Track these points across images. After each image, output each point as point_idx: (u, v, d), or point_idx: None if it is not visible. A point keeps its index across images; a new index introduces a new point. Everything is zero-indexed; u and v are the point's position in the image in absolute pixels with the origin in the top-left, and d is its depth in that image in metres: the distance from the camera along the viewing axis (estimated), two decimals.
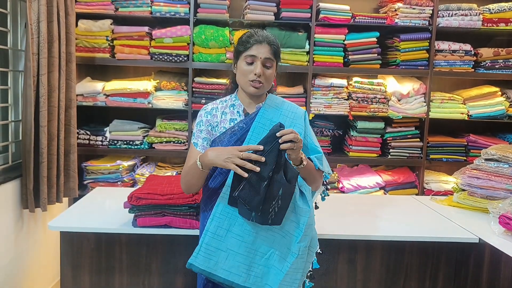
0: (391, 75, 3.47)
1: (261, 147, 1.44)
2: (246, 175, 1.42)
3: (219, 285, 1.60)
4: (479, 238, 2.01)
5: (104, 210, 2.24)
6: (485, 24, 3.31)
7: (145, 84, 3.23)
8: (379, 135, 3.41)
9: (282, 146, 1.43)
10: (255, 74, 1.56)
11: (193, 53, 3.23)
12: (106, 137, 3.29)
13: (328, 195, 1.88)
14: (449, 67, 3.37)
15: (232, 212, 1.55)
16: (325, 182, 1.81)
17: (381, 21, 3.30)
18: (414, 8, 3.26)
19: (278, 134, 1.44)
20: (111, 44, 3.24)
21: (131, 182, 3.28)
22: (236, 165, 1.42)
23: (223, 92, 1.82)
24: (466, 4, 3.30)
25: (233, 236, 1.54)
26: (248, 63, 1.58)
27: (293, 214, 1.58)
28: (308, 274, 1.66)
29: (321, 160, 1.67)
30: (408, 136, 3.42)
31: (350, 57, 3.30)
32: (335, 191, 3.34)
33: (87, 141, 3.27)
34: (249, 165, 1.41)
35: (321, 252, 1.72)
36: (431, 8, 3.27)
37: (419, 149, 3.40)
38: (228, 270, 1.53)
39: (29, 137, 2.53)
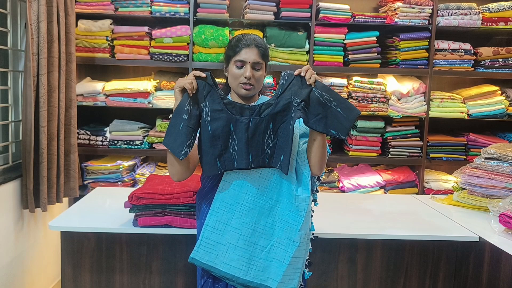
0: (391, 75, 3.47)
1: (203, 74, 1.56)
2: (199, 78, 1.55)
3: (218, 283, 1.62)
4: (479, 237, 2.01)
5: (104, 210, 2.25)
6: (485, 23, 3.31)
7: (145, 84, 3.23)
8: (379, 134, 3.41)
9: (309, 81, 1.55)
10: (245, 77, 1.61)
11: (193, 53, 3.23)
12: (106, 137, 3.29)
13: (317, 204, 1.86)
14: (449, 66, 3.37)
15: (230, 206, 1.59)
16: (321, 178, 1.80)
17: (380, 20, 3.30)
18: (413, 7, 3.26)
19: (296, 73, 1.57)
20: (111, 44, 3.24)
21: (131, 182, 3.28)
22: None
23: None
24: (466, 3, 3.30)
25: (231, 230, 1.58)
26: (238, 67, 1.62)
27: (292, 204, 1.60)
28: (306, 262, 1.66)
29: None
30: (408, 135, 3.42)
31: (350, 56, 3.30)
32: (335, 190, 3.34)
33: (87, 141, 3.27)
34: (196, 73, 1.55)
35: (313, 237, 1.74)
36: (431, 7, 3.27)
37: (419, 148, 3.40)
38: (229, 263, 1.56)
39: (29, 137, 2.53)
